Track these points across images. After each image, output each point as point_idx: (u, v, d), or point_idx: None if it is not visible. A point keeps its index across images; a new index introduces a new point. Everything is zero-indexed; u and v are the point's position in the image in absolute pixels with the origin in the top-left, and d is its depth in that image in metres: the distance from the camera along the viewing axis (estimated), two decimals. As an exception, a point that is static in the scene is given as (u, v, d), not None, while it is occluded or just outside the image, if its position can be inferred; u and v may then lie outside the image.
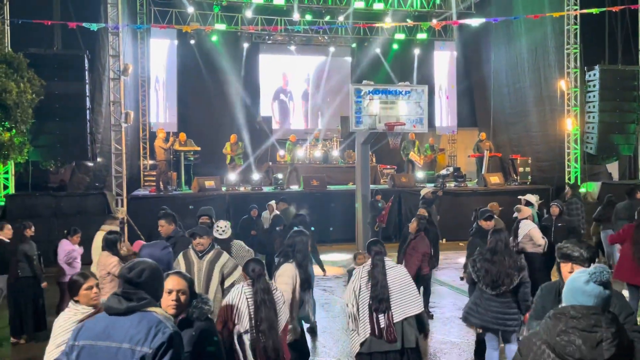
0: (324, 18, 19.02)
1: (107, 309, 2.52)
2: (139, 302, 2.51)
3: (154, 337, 2.42)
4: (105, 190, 12.79)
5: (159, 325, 2.47)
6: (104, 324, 2.51)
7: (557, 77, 15.30)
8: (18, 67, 10.66)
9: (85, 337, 2.51)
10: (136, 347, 2.41)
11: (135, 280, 2.53)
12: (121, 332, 2.45)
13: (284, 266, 4.74)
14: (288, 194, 14.04)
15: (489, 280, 5.07)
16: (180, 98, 18.24)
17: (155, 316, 2.51)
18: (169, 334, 2.45)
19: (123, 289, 2.53)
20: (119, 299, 2.51)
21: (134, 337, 2.42)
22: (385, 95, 10.43)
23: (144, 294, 2.53)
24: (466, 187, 15.58)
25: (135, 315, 2.48)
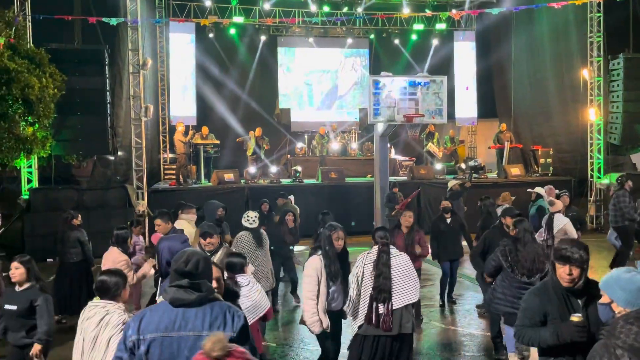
0: (341, 9, 18.91)
1: (174, 301, 2.53)
2: (207, 292, 2.57)
3: (232, 320, 2.53)
4: (126, 183, 12.94)
5: (231, 309, 2.58)
6: (171, 315, 2.52)
7: (580, 67, 15.01)
8: (40, 62, 10.80)
9: (152, 330, 2.51)
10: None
11: (194, 272, 2.57)
12: (197, 321, 2.50)
13: (310, 258, 4.80)
14: (306, 187, 14.06)
15: (524, 270, 5.12)
16: (199, 91, 18.34)
17: (223, 302, 2.63)
18: (243, 316, 2.59)
19: (189, 281, 2.55)
20: (186, 291, 2.53)
21: (214, 324, 2.49)
22: (403, 86, 10.34)
23: (207, 283, 2.61)
24: (486, 178, 15.42)
25: (205, 304, 2.55)
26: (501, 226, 6.43)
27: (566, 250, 3.07)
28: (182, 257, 2.62)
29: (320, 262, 4.68)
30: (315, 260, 4.71)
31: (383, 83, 10.22)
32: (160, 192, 13.66)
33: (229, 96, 18.82)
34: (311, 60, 20.34)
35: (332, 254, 4.69)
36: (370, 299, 4.49)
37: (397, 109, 10.19)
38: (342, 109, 20.65)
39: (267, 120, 18.53)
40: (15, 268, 4.50)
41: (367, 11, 18.53)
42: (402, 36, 20.14)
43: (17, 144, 10.34)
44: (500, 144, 16.18)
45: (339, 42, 20.45)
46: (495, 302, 5.38)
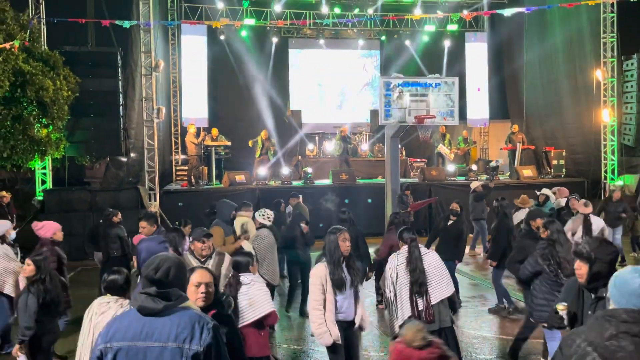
0: (352, 11, 18.93)
1: (142, 309, 2.47)
2: (175, 300, 2.48)
3: (200, 333, 2.43)
4: (138, 185, 13.03)
5: (201, 320, 2.47)
6: (139, 324, 2.46)
7: (593, 67, 14.88)
8: (54, 65, 10.93)
9: (119, 339, 2.45)
10: (184, 345, 2.40)
11: (164, 281, 2.49)
12: (163, 331, 2.42)
13: (315, 266, 4.61)
14: (316, 188, 14.07)
15: (569, 271, 4.88)
16: (211, 93, 18.43)
17: (194, 312, 2.51)
18: (213, 329, 2.47)
19: (157, 289, 2.48)
20: (154, 299, 2.46)
21: (180, 335, 2.41)
22: (415, 87, 10.32)
23: (177, 290, 2.51)
24: (498, 180, 15.34)
25: (173, 313, 2.46)
26: (529, 230, 6.21)
27: (581, 246, 3.19)
28: (153, 263, 2.54)
29: (325, 269, 4.46)
30: (320, 268, 4.50)
31: (394, 84, 10.21)
32: (172, 193, 13.74)
33: (240, 98, 18.89)
34: (322, 61, 20.36)
35: (338, 259, 4.48)
36: (410, 294, 4.60)
37: (409, 111, 10.17)
38: (353, 111, 20.64)
39: (278, 121, 18.57)
40: (27, 264, 4.76)
41: (378, 13, 18.52)
42: (413, 37, 20.09)
43: (31, 146, 10.47)
44: (512, 146, 16.08)
45: (350, 43, 20.45)
46: (538, 309, 5.14)
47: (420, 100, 10.26)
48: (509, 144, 16.22)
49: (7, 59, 9.61)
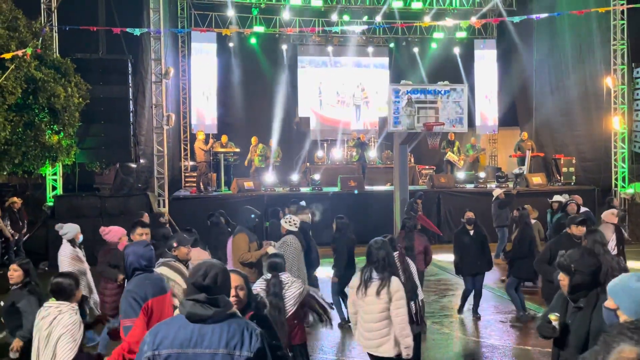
0: (361, 18, 18.99)
1: (191, 316, 2.44)
2: (224, 307, 2.48)
3: (250, 340, 2.44)
4: (148, 191, 13.10)
5: (249, 327, 2.49)
6: (187, 331, 2.44)
7: (603, 74, 14.81)
8: (65, 72, 11.04)
9: (167, 346, 2.44)
10: (235, 352, 2.41)
11: (212, 287, 2.47)
12: (213, 337, 2.42)
13: (398, 282, 4.57)
14: (324, 196, 14.07)
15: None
16: (220, 100, 18.53)
17: (241, 319, 2.53)
18: (261, 335, 2.49)
19: (205, 295, 2.46)
20: (204, 306, 2.44)
21: (230, 342, 2.41)
22: (423, 94, 10.32)
23: (225, 297, 2.51)
24: (507, 187, 15.25)
25: (223, 320, 2.46)
26: (567, 235, 5.97)
27: (563, 258, 3.25)
28: (200, 269, 2.52)
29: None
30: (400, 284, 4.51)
31: (403, 91, 10.22)
32: (181, 199, 13.80)
33: (249, 105, 18.97)
34: (331, 69, 20.43)
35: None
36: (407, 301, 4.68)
37: (417, 118, 10.17)
38: (362, 118, 20.67)
39: (286, 128, 18.63)
40: (14, 270, 4.68)
41: (387, 20, 18.57)
42: (422, 45, 20.12)
43: (42, 152, 10.55)
44: (521, 153, 16.01)
45: (358, 50, 20.50)
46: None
47: (429, 108, 10.26)
48: (518, 151, 16.16)
49: (20, 66, 9.71)
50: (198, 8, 18.30)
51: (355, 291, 4.41)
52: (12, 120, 9.81)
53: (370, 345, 4.42)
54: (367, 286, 4.35)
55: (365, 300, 4.36)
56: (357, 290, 4.39)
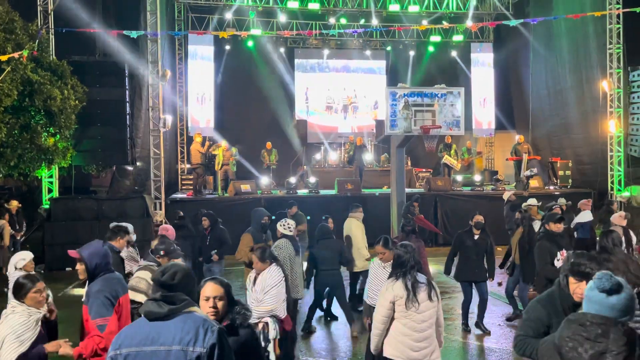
0: (358, 21, 19.03)
1: (148, 314, 2.52)
2: (179, 304, 2.52)
3: (204, 335, 2.47)
4: (144, 193, 13.07)
5: (206, 323, 2.51)
6: (145, 329, 2.51)
7: (599, 78, 14.87)
8: (62, 74, 11.02)
9: (127, 345, 2.50)
10: (188, 347, 2.44)
11: (169, 283, 2.55)
12: (168, 335, 2.46)
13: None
14: (323, 198, 14.06)
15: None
16: (217, 103, 18.53)
17: (199, 315, 2.55)
18: (217, 331, 2.51)
19: (161, 293, 2.55)
20: (159, 304, 2.51)
21: (184, 338, 2.45)
22: (420, 98, 10.31)
23: (182, 295, 2.56)
24: (504, 190, 15.27)
25: (179, 317, 2.50)
26: (547, 232, 6.06)
27: (586, 266, 3.04)
28: (163, 268, 2.62)
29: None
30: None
31: (400, 94, 10.22)
32: (178, 202, 13.78)
33: (246, 107, 18.97)
34: (328, 72, 20.45)
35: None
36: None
37: (414, 121, 10.17)
38: (359, 121, 20.69)
39: (284, 131, 18.63)
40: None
41: (384, 23, 18.61)
42: (418, 48, 20.18)
43: (38, 155, 10.53)
44: (518, 156, 16.04)
45: (355, 54, 20.53)
46: None
47: (426, 111, 10.26)
48: (514, 154, 16.19)
49: (16, 68, 9.69)
50: (195, 11, 18.30)
51: (405, 302, 4.08)
52: (8, 122, 9.78)
53: (424, 354, 4.15)
54: (416, 292, 4.10)
55: (418, 307, 4.10)
56: (408, 301, 4.08)
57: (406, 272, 4.16)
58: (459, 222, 13.87)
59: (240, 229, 11.80)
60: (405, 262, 4.18)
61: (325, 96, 20.49)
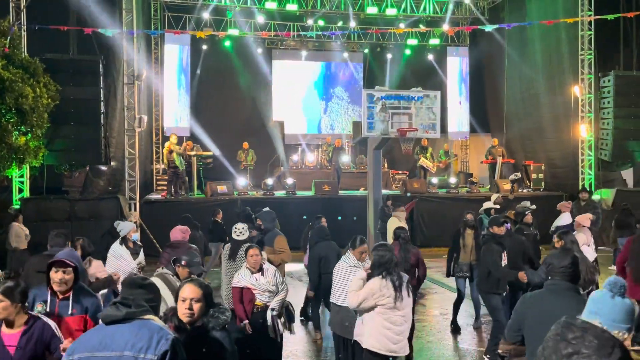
0: (336, 24, 19.08)
1: (105, 317, 2.50)
2: (137, 309, 2.49)
3: (157, 343, 2.42)
4: (119, 194, 12.89)
5: (161, 331, 2.47)
6: (100, 334, 2.48)
7: (572, 83, 15.17)
8: (34, 72, 10.78)
9: (81, 350, 2.46)
10: (139, 354, 2.40)
11: (139, 282, 2.58)
12: (121, 340, 2.42)
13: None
14: (300, 199, 14.05)
15: (581, 282, 4.97)
16: (193, 103, 18.37)
17: (155, 323, 2.52)
18: (172, 340, 2.46)
19: (122, 296, 2.55)
20: (117, 307, 2.49)
21: (136, 345, 2.40)
22: (397, 100, 10.40)
23: (141, 300, 2.54)
24: (478, 193, 15.50)
25: (134, 323, 2.47)
26: (493, 235, 6.41)
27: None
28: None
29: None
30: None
31: (377, 97, 10.28)
32: (153, 203, 13.62)
33: (222, 108, 18.85)
34: (305, 73, 20.46)
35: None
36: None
37: (391, 123, 10.24)
38: (336, 122, 20.75)
39: (260, 132, 18.56)
40: None
41: (362, 26, 18.70)
42: (396, 51, 20.32)
43: (9, 154, 10.26)
44: (492, 159, 16.28)
45: (333, 55, 20.59)
46: None
47: (403, 113, 10.34)
48: (489, 157, 16.43)
49: (-14, 65, 9.46)
50: (172, 10, 18.11)
51: (394, 300, 4.32)
52: (-23, 120, 9.54)
53: (400, 347, 4.43)
54: (402, 290, 4.36)
55: (402, 303, 4.36)
56: (396, 299, 4.32)
57: (392, 271, 4.35)
58: (435, 223, 14.08)
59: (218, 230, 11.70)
60: (389, 261, 4.38)
61: (303, 97, 20.50)
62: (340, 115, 20.80)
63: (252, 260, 5.27)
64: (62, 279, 3.61)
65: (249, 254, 5.30)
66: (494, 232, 6.34)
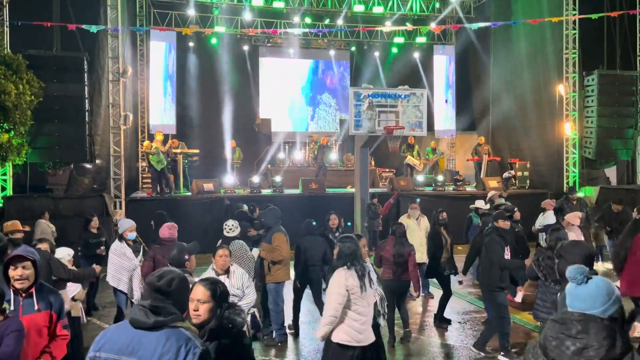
0: (323, 21, 19.06)
1: (133, 322, 2.41)
2: (167, 317, 2.40)
3: (184, 357, 2.34)
4: (104, 192, 12.77)
5: (189, 343, 2.39)
6: (128, 337, 2.41)
7: (556, 82, 15.32)
8: (17, 68, 10.63)
9: (108, 350, 2.42)
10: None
11: (164, 289, 2.44)
12: (148, 348, 2.36)
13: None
14: (288, 197, 14.03)
15: (555, 277, 5.17)
16: (179, 100, 18.25)
17: (184, 333, 2.42)
18: (199, 354, 2.38)
19: (151, 301, 2.43)
20: (146, 312, 2.40)
21: (163, 356, 2.34)
22: (384, 98, 10.42)
23: (172, 307, 2.44)
24: (464, 190, 15.59)
25: (163, 331, 2.39)
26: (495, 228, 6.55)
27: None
28: (159, 272, 2.52)
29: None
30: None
31: (364, 95, 10.30)
32: (138, 201, 13.51)
33: (209, 106, 18.75)
34: (292, 70, 20.42)
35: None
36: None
37: (378, 121, 10.26)
38: (323, 120, 20.75)
39: (247, 129, 18.50)
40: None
41: (349, 24, 18.70)
42: (382, 49, 20.36)
43: (-9, 151, 10.15)
44: (478, 157, 16.39)
45: (320, 53, 20.58)
46: (535, 308, 5.58)
47: (390, 111, 10.37)
48: (475, 155, 16.54)
49: (-32, 61, 9.32)
50: (157, 6, 17.96)
51: (360, 290, 4.36)
52: (-42, 117, 9.39)
53: (367, 337, 4.47)
54: (365, 280, 4.43)
55: (366, 293, 4.42)
56: (361, 290, 4.37)
57: (355, 262, 4.42)
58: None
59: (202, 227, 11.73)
60: (353, 253, 4.45)
61: (290, 94, 20.46)
62: (328, 122, 20.81)
63: (221, 261, 5.14)
64: (22, 274, 3.52)
65: (217, 254, 5.17)
66: (498, 226, 6.46)
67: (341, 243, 4.54)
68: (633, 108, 15.01)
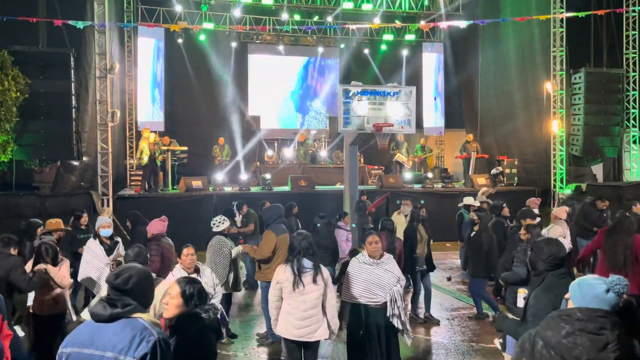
0: (312, 18, 19.02)
1: (92, 315, 2.49)
2: (123, 309, 2.47)
3: (137, 345, 2.40)
4: (91, 190, 12.66)
5: (144, 332, 2.43)
6: (90, 330, 2.49)
7: (544, 79, 15.41)
8: (2, 64, 10.51)
9: (72, 344, 2.49)
10: (119, 355, 2.39)
11: (122, 287, 2.52)
12: (105, 339, 2.42)
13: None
14: (276, 194, 14.00)
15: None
16: (167, 97, 18.12)
17: (140, 322, 2.47)
18: (153, 342, 2.42)
19: (108, 295, 2.52)
20: (104, 305, 2.48)
21: (117, 345, 2.40)
22: (373, 96, 10.42)
23: (130, 300, 2.50)
24: (453, 187, 15.66)
25: (119, 322, 2.45)
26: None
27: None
28: (118, 270, 2.60)
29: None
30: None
31: (353, 92, 10.29)
32: (126, 198, 13.40)
33: (197, 103, 18.65)
34: (281, 68, 20.37)
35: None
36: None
37: (367, 118, 10.26)
38: (312, 117, 20.73)
39: (236, 127, 18.42)
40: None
41: (338, 21, 18.67)
42: (372, 46, 20.37)
43: (-24, 149, 10.02)
44: (466, 154, 16.46)
45: (309, 50, 20.54)
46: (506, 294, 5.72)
47: (379, 109, 10.37)
48: (463, 152, 16.61)
49: (-48, 57, 9.18)
50: (145, 2, 17.80)
51: (292, 285, 4.52)
52: (-58, 114, 9.26)
53: (306, 332, 4.59)
54: (301, 276, 4.54)
55: (303, 290, 4.54)
56: (294, 284, 4.52)
57: (294, 258, 4.60)
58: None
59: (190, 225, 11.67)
60: (294, 248, 4.64)
61: (279, 91, 20.41)
62: (316, 110, 20.77)
63: (187, 260, 5.12)
64: None
65: (184, 253, 5.15)
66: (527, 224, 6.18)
67: (293, 237, 4.76)
68: (619, 106, 15.15)
